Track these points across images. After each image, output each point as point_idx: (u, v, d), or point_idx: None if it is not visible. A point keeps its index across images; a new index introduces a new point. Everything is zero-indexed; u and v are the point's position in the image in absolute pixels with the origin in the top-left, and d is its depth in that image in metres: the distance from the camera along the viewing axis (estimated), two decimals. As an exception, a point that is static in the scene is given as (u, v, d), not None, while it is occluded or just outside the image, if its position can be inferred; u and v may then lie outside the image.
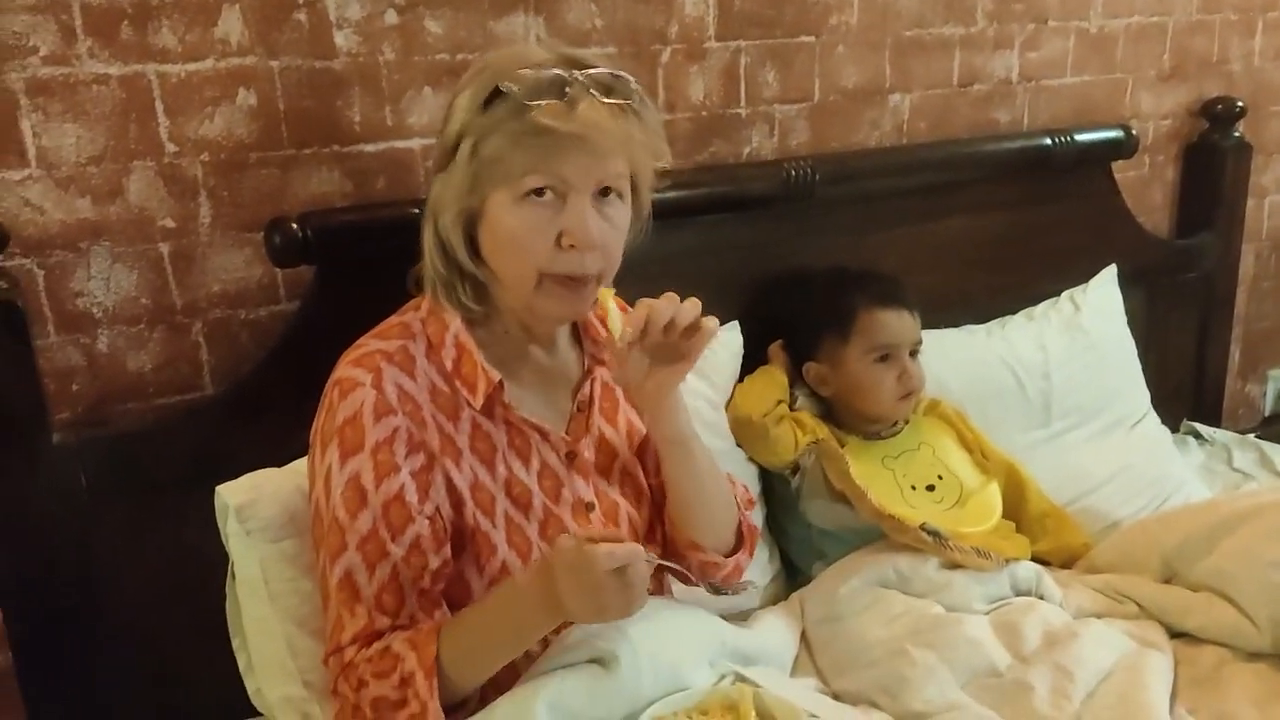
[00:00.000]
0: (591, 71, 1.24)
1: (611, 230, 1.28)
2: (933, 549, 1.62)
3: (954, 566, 1.62)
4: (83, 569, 1.48)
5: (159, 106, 1.50)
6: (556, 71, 1.22)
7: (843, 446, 1.76)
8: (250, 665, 1.51)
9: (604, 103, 1.23)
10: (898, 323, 1.78)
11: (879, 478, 1.74)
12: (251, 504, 1.45)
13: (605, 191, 1.27)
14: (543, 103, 1.21)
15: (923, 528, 1.63)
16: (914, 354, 1.82)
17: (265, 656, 1.49)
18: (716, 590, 1.32)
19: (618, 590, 1.13)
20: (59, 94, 1.44)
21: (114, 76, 1.47)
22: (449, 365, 1.31)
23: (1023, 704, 1.37)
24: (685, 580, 1.36)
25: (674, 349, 1.27)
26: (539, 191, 1.24)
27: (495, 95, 1.24)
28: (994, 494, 1.77)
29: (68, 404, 1.52)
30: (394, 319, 1.35)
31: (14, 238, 1.43)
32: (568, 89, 1.21)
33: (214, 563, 1.49)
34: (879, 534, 1.68)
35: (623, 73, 1.27)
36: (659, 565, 1.28)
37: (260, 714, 1.52)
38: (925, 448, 1.81)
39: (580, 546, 1.12)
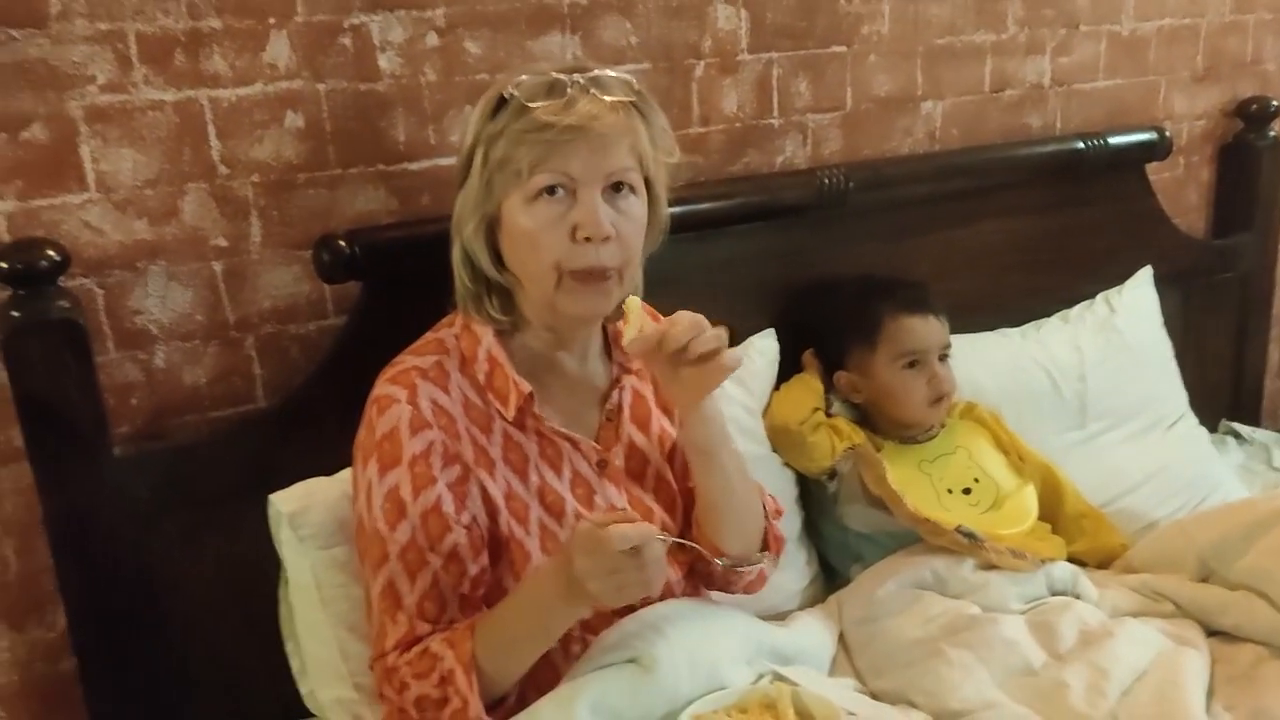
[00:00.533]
0: (591, 73, 1.28)
1: (626, 222, 1.30)
2: (969, 550, 1.64)
3: (990, 568, 1.64)
4: (143, 575, 1.53)
5: (211, 130, 1.55)
6: (556, 75, 1.27)
7: (879, 451, 1.79)
8: (303, 668, 1.56)
9: (603, 99, 1.27)
10: (924, 328, 1.81)
11: (916, 482, 1.76)
12: (303, 511, 1.50)
13: (618, 187, 1.30)
14: (542, 102, 1.26)
15: (959, 530, 1.65)
16: (943, 358, 1.83)
17: (317, 660, 1.54)
18: (731, 567, 1.37)
19: (634, 569, 1.15)
20: (116, 120, 1.50)
21: (168, 102, 1.52)
22: (482, 379, 1.35)
23: (1059, 702, 1.39)
24: (701, 558, 1.39)
25: (700, 374, 1.26)
26: (550, 190, 1.28)
27: (501, 103, 1.29)
28: (1030, 496, 1.79)
29: (127, 418, 1.58)
30: (429, 335, 1.40)
31: (75, 259, 1.48)
32: (567, 89, 1.26)
33: (268, 569, 1.55)
34: (915, 537, 1.70)
35: (625, 75, 1.31)
36: (674, 543, 1.31)
37: (314, 715, 1.57)
38: (961, 451, 1.83)
39: (594, 529, 1.15)
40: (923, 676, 1.45)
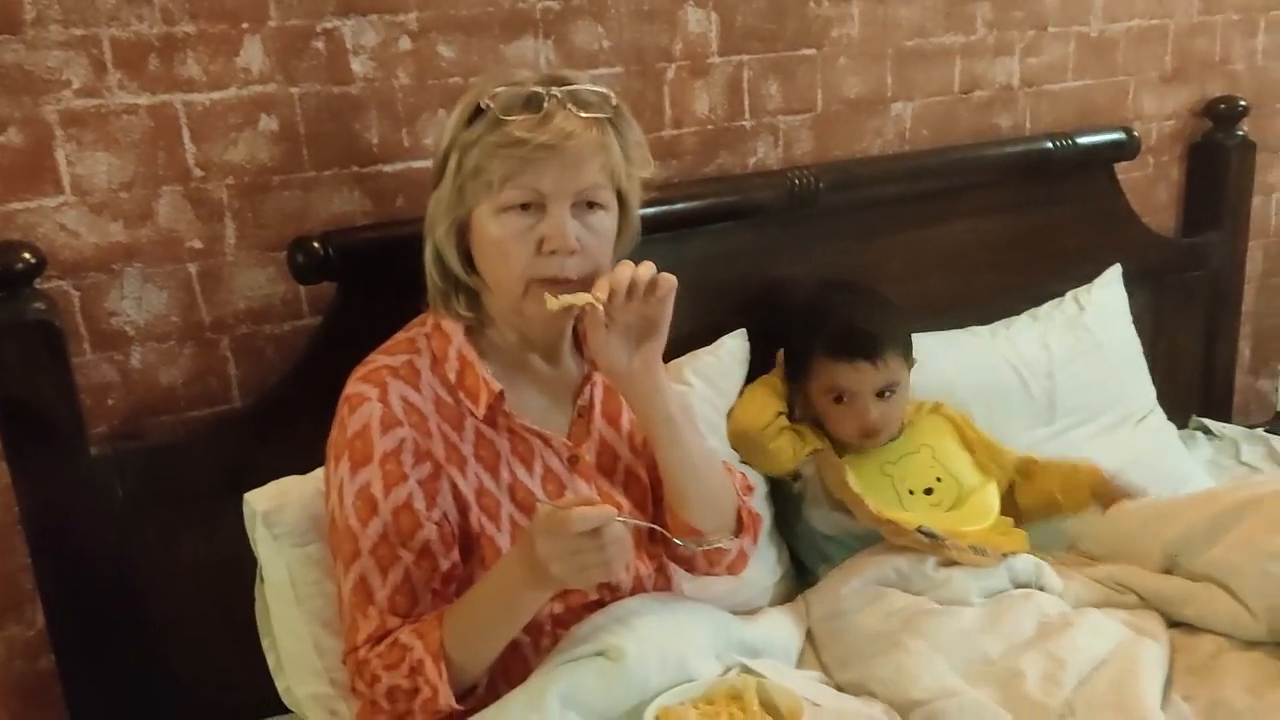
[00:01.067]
0: (568, 87, 1.31)
1: (592, 237, 1.33)
2: (930, 549, 1.67)
3: (952, 564, 1.67)
4: (121, 573, 1.55)
5: (185, 134, 1.57)
6: (533, 88, 1.29)
7: (842, 455, 1.80)
8: (280, 664, 1.58)
9: (579, 116, 1.29)
10: (851, 373, 1.76)
11: (878, 485, 1.77)
12: (278, 510, 1.52)
13: (588, 203, 1.33)
14: (517, 117, 1.28)
15: (920, 530, 1.67)
16: (885, 395, 1.78)
17: (293, 656, 1.56)
18: (696, 546, 1.40)
19: (595, 551, 1.18)
20: (91, 124, 1.52)
21: (143, 106, 1.54)
22: (452, 377, 1.38)
23: (1014, 690, 1.42)
24: (657, 535, 1.41)
25: (645, 318, 1.32)
26: (522, 205, 1.30)
27: (477, 112, 1.31)
28: (992, 493, 1.81)
29: (104, 418, 1.60)
30: (400, 335, 1.42)
31: (51, 261, 1.51)
32: (544, 103, 1.28)
33: (244, 567, 1.56)
34: (880, 537, 1.72)
35: (603, 88, 1.33)
36: (636, 526, 1.33)
37: (291, 711, 1.59)
38: (925, 450, 1.84)
39: (555, 512, 1.18)
40: (883, 667, 1.47)
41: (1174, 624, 1.64)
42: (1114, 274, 2.30)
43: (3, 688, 1.63)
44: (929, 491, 1.79)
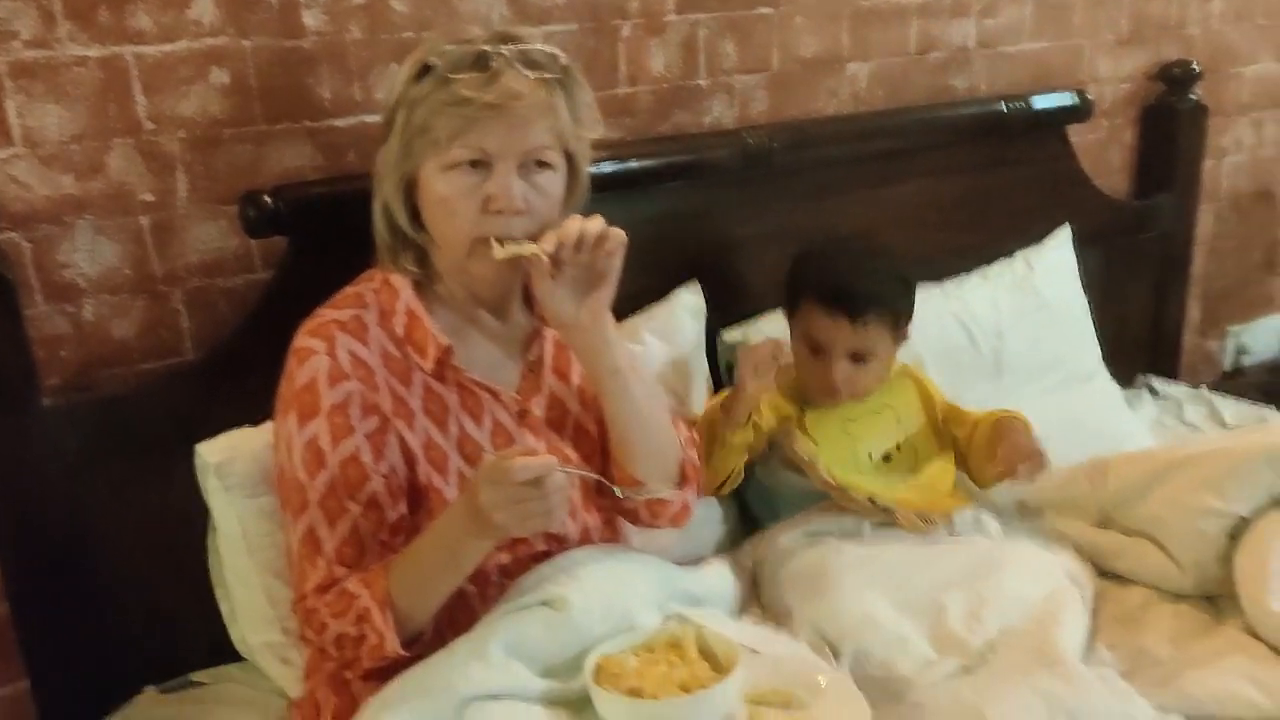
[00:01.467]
0: (517, 46, 1.32)
1: (539, 197, 1.35)
2: (878, 516, 1.71)
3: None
4: (75, 524, 1.57)
5: (136, 86, 1.57)
6: (481, 46, 1.31)
7: (805, 409, 1.82)
8: (233, 614, 1.61)
9: (527, 76, 1.30)
10: (830, 326, 1.73)
11: (836, 442, 1.79)
12: (230, 462, 1.54)
13: (538, 164, 1.34)
14: (464, 75, 1.29)
15: (870, 500, 1.71)
16: (858, 360, 1.75)
17: (246, 606, 1.59)
18: (638, 496, 1.43)
19: (537, 500, 1.20)
20: (40, 76, 1.51)
21: (93, 58, 1.54)
22: (400, 331, 1.39)
23: (937, 621, 1.48)
24: (602, 488, 1.43)
25: (593, 270, 1.34)
26: (471, 163, 1.32)
27: (425, 69, 1.32)
28: (946, 469, 1.83)
29: (57, 370, 1.61)
30: (349, 289, 1.44)
31: (2, 213, 1.51)
32: (491, 62, 1.30)
33: (197, 518, 1.59)
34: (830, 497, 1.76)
35: (552, 48, 1.34)
36: (577, 474, 1.37)
37: (244, 659, 1.62)
38: (889, 411, 1.85)
39: (498, 462, 1.20)
40: (818, 606, 1.52)
41: (1105, 575, 1.69)
42: (1064, 235, 2.34)
43: (-42, 636, 1.65)
44: (887, 459, 1.81)
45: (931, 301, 2.15)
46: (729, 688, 1.26)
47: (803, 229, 2.00)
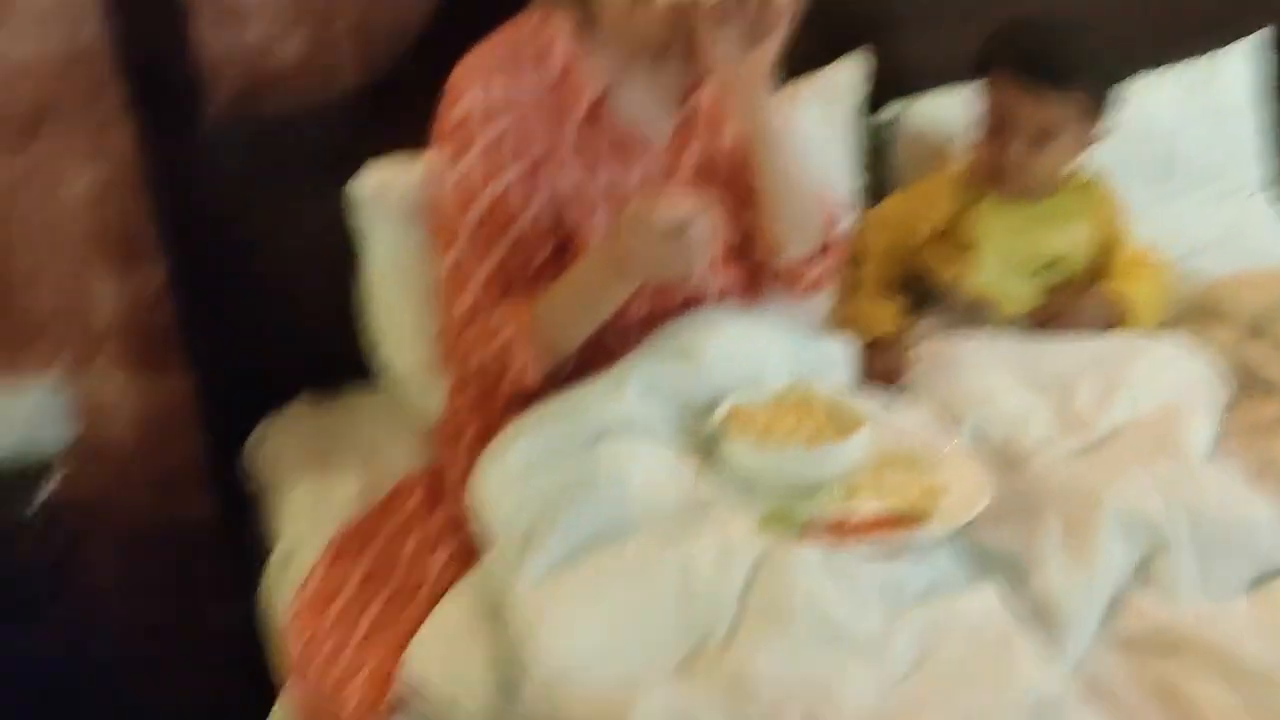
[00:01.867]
0: None
1: None
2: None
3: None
4: (237, 237, 1.64)
5: None
6: None
7: (980, 201, 1.73)
8: (380, 339, 1.68)
9: None
10: (1019, 97, 1.62)
11: (999, 245, 1.72)
12: (384, 191, 1.58)
13: None
14: None
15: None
16: (1040, 140, 1.64)
17: (393, 332, 1.66)
18: (780, 259, 1.46)
19: (676, 248, 1.21)
20: None
21: None
22: (556, 74, 1.38)
23: (1064, 401, 1.49)
24: (744, 246, 1.45)
25: (759, 26, 1.30)
26: None
27: None
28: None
29: (223, 89, 1.64)
30: (508, 27, 1.42)
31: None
32: None
33: (349, 244, 1.64)
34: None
35: None
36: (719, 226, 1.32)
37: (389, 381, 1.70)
38: (1066, 218, 1.76)
39: (642, 206, 1.21)
40: (942, 379, 1.54)
41: (1246, 388, 1.65)
42: (1254, 40, 2.18)
43: (127, 337, 1.77)
44: (1049, 266, 1.75)
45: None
46: (853, 444, 1.29)
47: (984, 8, 1.88)
